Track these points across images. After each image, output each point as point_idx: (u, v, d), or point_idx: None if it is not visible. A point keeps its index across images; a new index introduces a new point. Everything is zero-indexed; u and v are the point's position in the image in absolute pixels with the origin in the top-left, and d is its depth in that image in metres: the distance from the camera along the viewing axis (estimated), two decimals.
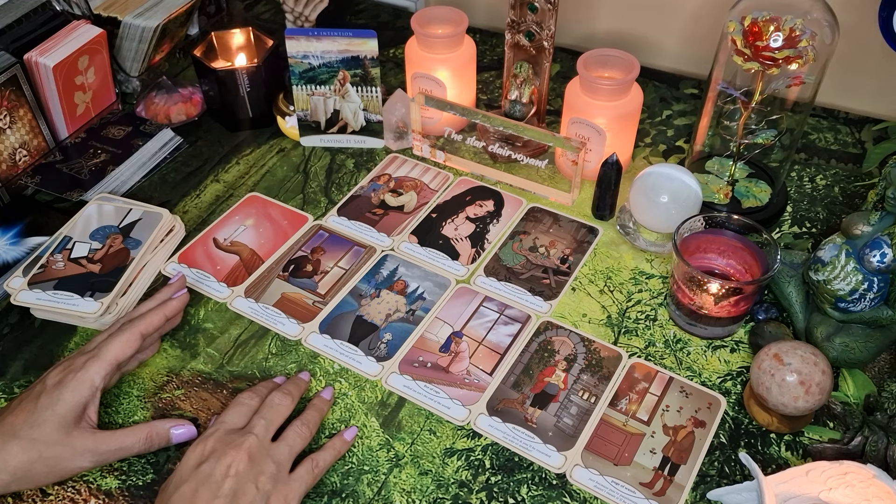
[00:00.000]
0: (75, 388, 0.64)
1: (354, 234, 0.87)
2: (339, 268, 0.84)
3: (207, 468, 0.60)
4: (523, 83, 0.93)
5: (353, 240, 0.87)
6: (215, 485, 0.59)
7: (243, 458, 0.61)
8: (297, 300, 0.81)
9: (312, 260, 0.84)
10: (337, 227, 0.88)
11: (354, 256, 0.85)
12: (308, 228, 0.88)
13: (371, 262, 0.84)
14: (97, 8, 0.98)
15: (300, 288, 0.82)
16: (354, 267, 0.84)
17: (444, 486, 0.66)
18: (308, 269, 0.84)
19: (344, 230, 0.88)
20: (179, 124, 1.01)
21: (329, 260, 0.84)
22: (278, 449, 0.64)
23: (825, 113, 1.01)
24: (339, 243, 0.86)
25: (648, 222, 0.83)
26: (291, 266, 0.84)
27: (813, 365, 0.65)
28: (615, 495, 0.65)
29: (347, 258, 0.84)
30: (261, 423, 0.64)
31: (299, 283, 0.82)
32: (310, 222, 0.89)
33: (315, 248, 0.86)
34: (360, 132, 0.97)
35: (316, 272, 0.83)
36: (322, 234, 0.87)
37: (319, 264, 0.84)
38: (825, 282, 0.72)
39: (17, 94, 0.89)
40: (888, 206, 0.69)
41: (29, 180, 0.92)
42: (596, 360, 0.75)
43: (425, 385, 0.73)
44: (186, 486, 0.60)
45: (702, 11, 1.04)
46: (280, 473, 0.62)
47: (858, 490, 0.59)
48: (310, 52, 0.92)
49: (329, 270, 0.83)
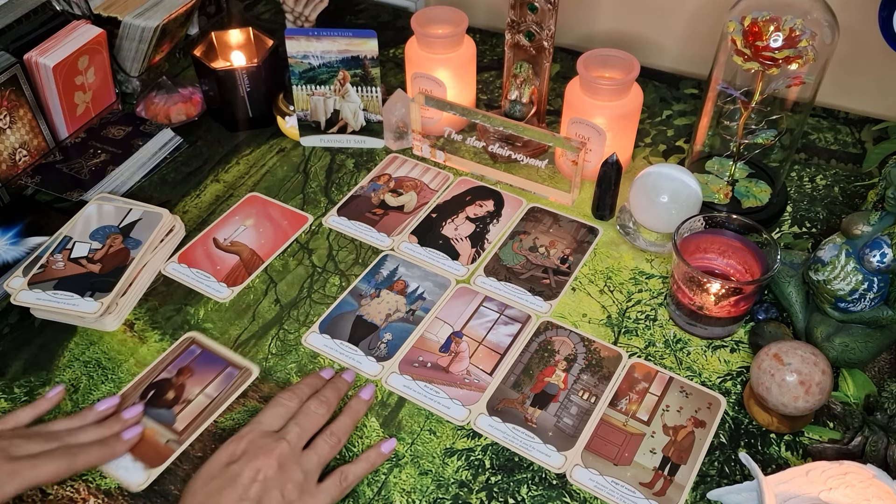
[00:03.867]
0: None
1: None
2: (205, 395, 0.72)
3: (237, 469, 0.60)
4: (523, 83, 0.93)
5: (228, 359, 0.76)
6: (242, 487, 0.59)
7: (273, 464, 0.61)
8: (148, 437, 0.69)
9: (176, 385, 0.73)
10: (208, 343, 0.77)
11: (225, 381, 0.73)
12: (180, 342, 0.77)
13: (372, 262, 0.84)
14: (97, 8, 0.98)
15: (155, 421, 0.71)
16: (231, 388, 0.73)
17: (444, 486, 0.66)
18: (169, 397, 0.72)
19: (347, 228, 0.88)
20: (179, 124, 1.01)
21: (195, 385, 0.73)
22: (307, 457, 0.63)
23: (825, 113, 1.01)
24: (211, 363, 0.75)
25: (648, 222, 0.83)
26: (152, 392, 0.73)
27: (813, 365, 0.65)
28: (615, 495, 0.65)
29: (217, 383, 0.73)
30: (295, 429, 0.64)
31: (156, 414, 0.71)
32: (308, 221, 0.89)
33: (182, 369, 0.75)
34: (360, 132, 0.97)
35: (177, 401, 0.72)
36: (193, 351, 0.76)
37: (183, 390, 0.73)
38: (825, 282, 0.72)
39: (17, 94, 0.89)
40: (888, 206, 0.69)
41: (29, 180, 0.92)
42: (596, 360, 0.75)
43: (425, 385, 0.73)
44: (215, 482, 0.60)
45: (702, 11, 1.04)
46: (307, 483, 0.62)
47: (858, 490, 0.59)
48: (310, 52, 0.92)
49: (192, 399, 0.72)
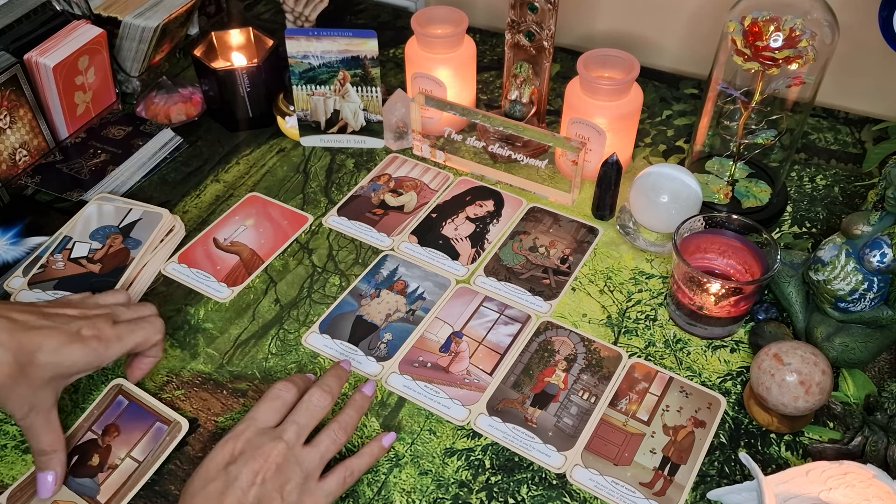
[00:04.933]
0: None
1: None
2: (132, 459, 0.66)
3: (235, 471, 0.59)
4: (523, 83, 0.93)
5: (157, 412, 0.69)
6: (241, 491, 0.58)
7: (271, 466, 0.59)
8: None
9: (102, 447, 0.67)
10: (136, 392, 0.71)
11: (153, 440, 0.67)
12: (107, 392, 0.71)
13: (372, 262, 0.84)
14: (97, 8, 0.98)
15: (76, 493, 0.64)
16: (159, 448, 0.66)
17: (444, 486, 0.66)
18: (93, 463, 0.65)
19: (347, 228, 0.88)
20: (179, 124, 1.01)
21: (122, 446, 0.67)
22: (309, 456, 0.61)
23: (825, 113, 1.01)
24: (139, 417, 0.69)
25: (648, 222, 0.83)
26: (76, 457, 0.66)
27: (813, 365, 0.65)
28: (615, 495, 0.65)
29: (144, 443, 0.67)
30: (293, 428, 0.62)
31: (77, 485, 0.65)
32: (308, 221, 0.89)
33: (108, 428, 0.68)
34: (360, 132, 0.97)
35: (102, 467, 0.65)
36: (120, 403, 0.70)
37: (109, 454, 0.66)
38: (825, 282, 0.72)
39: (17, 94, 0.89)
40: (888, 206, 0.69)
41: (29, 180, 0.92)
42: (596, 360, 0.75)
43: (425, 385, 0.73)
44: (213, 485, 0.58)
45: (702, 11, 1.04)
46: (308, 483, 0.60)
47: (858, 490, 0.59)
48: (310, 52, 0.92)
49: (118, 465, 0.66)
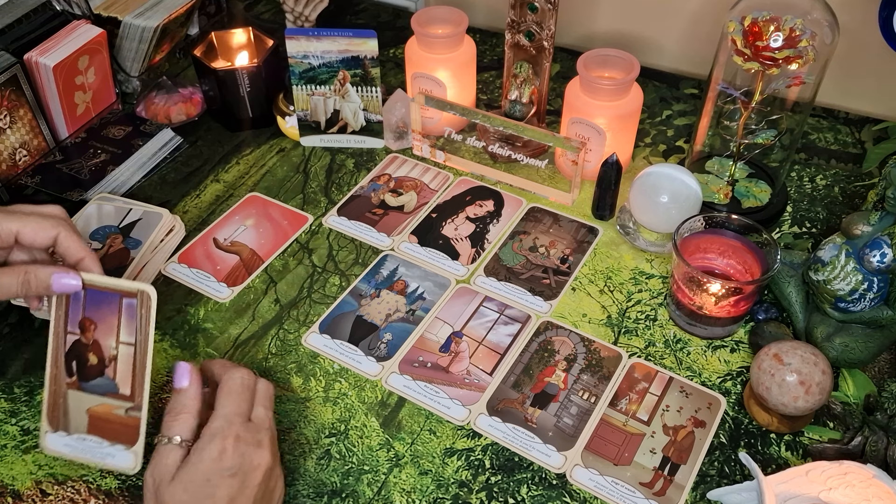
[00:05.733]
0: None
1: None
2: (125, 345, 0.62)
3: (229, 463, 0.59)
4: (523, 83, 0.93)
5: (117, 289, 0.62)
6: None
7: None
8: (107, 415, 0.62)
9: (90, 344, 0.63)
10: (89, 279, 0.63)
11: (130, 317, 0.62)
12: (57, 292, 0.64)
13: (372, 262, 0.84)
14: (97, 8, 0.98)
15: (100, 395, 0.62)
16: (141, 335, 0.61)
17: (444, 486, 0.66)
18: (93, 362, 0.62)
19: (347, 228, 0.88)
20: (179, 124, 1.01)
21: (107, 336, 0.62)
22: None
23: (825, 113, 1.01)
24: (104, 302, 0.62)
25: (648, 222, 0.83)
26: (74, 362, 0.63)
27: (813, 365, 0.65)
28: (615, 495, 0.65)
29: (125, 325, 0.62)
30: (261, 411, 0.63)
31: (94, 387, 0.62)
32: (308, 221, 0.89)
33: (83, 323, 0.63)
34: (360, 132, 0.97)
35: (104, 362, 0.62)
36: (77, 296, 0.63)
37: (100, 348, 0.62)
38: (825, 282, 0.72)
39: (17, 94, 0.89)
40: (888, 206, 0.69)
41: (29, 180, 0.92)
42: (596, 360, 0.75)
43: (425, 385, 0.73)
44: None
45: (702, 11, 1.04)
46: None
47: (858, 490, 0.59)
48: (310, 52, 0.92)
49: (116, 354, 0.62)
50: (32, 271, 0.61)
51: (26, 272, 0.61)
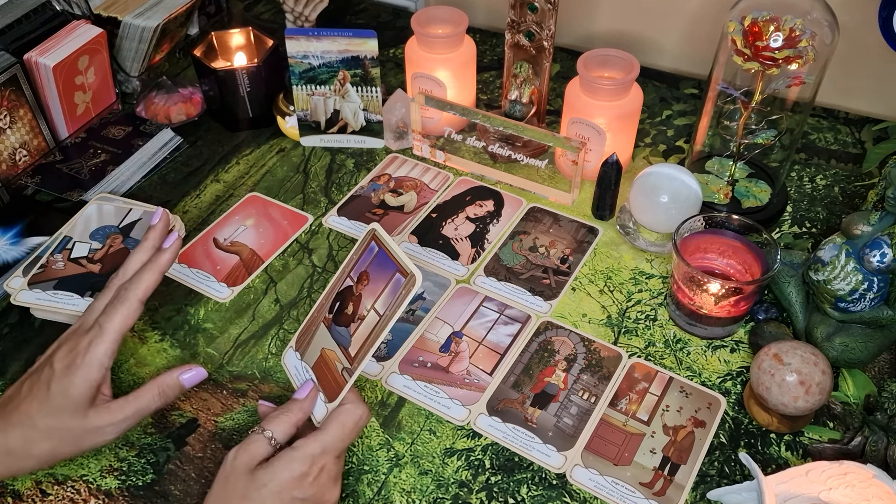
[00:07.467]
0: (86, 372, 0.62)
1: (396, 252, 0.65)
2: (375, 312, 0.63)
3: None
4: (523, 83, 0.93)
5: (398, 262, 0.64)
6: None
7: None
8: (331, 363, 0.64)
9: (355, 295, 0.65)
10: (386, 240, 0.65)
11: (392, 292, 0.63)
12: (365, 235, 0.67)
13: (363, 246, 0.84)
14: (97, 8, 0.98)
15: (337, 344, 0.65)
16: (389, 311, 0.62)
17: (444, 486, 0.66)
18: (349, 312, 0.65)
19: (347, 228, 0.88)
20: (179, 124, 1.01)
21: (369, 296, 0.64)
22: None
23: (825, 113, 1.01)
24: (385, 266, 0.64)
25: (648, 222, 0.83)
26: (337, 304, 0.66)
27: (813, 365, 0.65)
28: (615, 495, 0.65)
29: (385, 295, 0.63)
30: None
31: (337, 333, 0.65)
32: (308, 221, 0.89)
33: (361, 275, 0.66)
34: (360, 132, 0.97)
35: (353, 317, 0.64)
36: (372, 249, 0.66)
37: (359, 303, 0.64)
38: (825, 282, 0.72)
39: (17, 94, 0.89)
40: (888, 206, 0.69)
41: (29, 180, 0.92)
42: (596, 360, 0.75)
43: (425, 385, 0.73)
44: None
45: (702, 11, 1.04)
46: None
47: (858, 490, 0.59)
48: (310, 52, 0.92)
49: (365, 315, 0.64)
50: (162, 385, 0.65)
51: (158, 386, 0.65)
